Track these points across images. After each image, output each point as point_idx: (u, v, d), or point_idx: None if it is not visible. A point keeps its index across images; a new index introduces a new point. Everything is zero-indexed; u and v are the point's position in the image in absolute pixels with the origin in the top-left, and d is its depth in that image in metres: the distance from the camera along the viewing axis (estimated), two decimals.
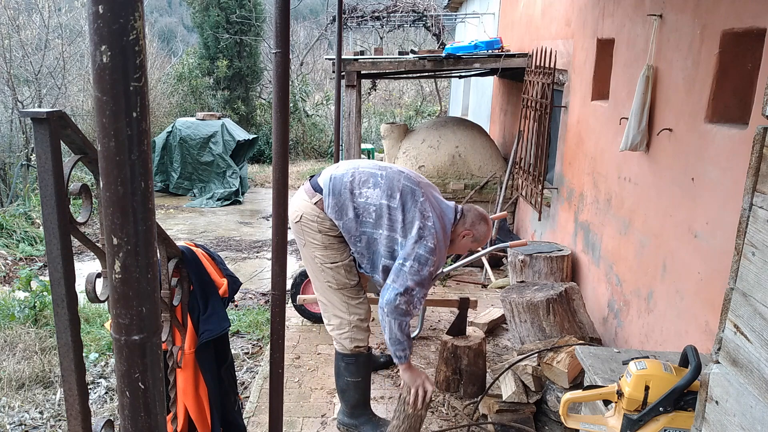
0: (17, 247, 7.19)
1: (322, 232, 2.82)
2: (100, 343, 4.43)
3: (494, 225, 5.60)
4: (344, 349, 2.94)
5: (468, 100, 11.66)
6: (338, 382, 3.05)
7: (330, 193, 2.79)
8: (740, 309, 1.32)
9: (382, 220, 2.74)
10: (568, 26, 4.72)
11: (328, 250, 2.85)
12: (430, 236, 2.68)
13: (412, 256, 2.65)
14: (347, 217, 2.76)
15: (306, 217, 2.83)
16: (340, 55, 5.62)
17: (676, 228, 2.89)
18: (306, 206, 2.84)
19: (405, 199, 2.74)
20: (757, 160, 1.27)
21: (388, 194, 2.74)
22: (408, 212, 2.73)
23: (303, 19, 20.10)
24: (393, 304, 2.64)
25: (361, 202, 2.75)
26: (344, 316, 2.90)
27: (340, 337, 2.93)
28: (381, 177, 2.79)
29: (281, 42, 1.90)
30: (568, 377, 2.82)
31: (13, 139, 10.25)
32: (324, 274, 2.88)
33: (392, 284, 2.67)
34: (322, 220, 2.81)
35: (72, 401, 1.25)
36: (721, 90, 2.61)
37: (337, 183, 2.80)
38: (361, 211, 2.76)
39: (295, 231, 2.89)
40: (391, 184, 2.76)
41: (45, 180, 1.17)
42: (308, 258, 2.91)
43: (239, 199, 10.26)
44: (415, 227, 2.69)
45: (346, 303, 2.90)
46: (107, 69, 0.72)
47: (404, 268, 2.65)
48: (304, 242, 2.88)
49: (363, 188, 2.77)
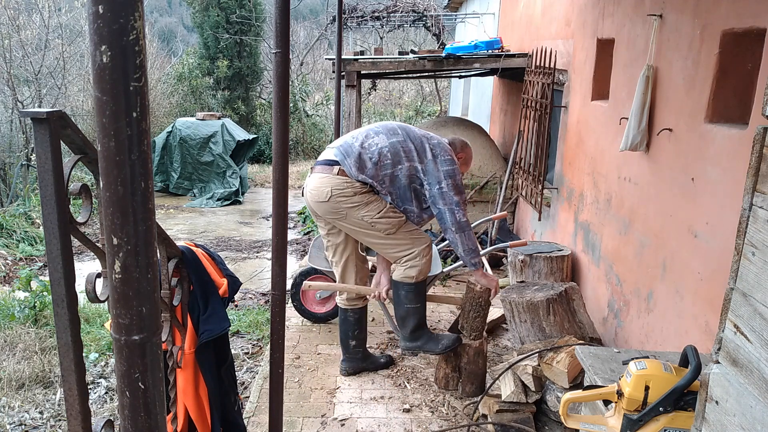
0: (17, 247, 7.19)
1: (357, 193, 3.07)
2: (100, 343, 4.43)
3: (494, 225, 5.60)
4: (409, 278, 3.21)
5: (468, 100, 11.66)
6: (398, 310, 3.33)
7: (345, 157, 3.08)
8: (740, 309, 1.32)
9: (399, 155, 3.08)
10: (568, 26, 4.71)
11: (370, 205, 3.09)
12: (442, 150, 3.12)
13: (442, 176, 3.06)
14: (367, 168, 3.07)
15: (336, 189, 3.06)
16: (340, 55, 5.62)
17: (676, 228, 2.89)
18: (330, 181, 3.07)
19: (406, 130, 3.16)
20: (757, 160, 1.27)
21: (390, 134, 3.13)
22: (414, 140, 3.13)
23: (303, 19, 20.11)
24: (457, 220, 3.04)
25: (373, 150, 3.08)
26: (413, 249, 3.18)
27: (408, 267, 3.20)
28: (377, 127, 3.21)
29: (281, 42, 1.90)
30: (568, 377, 2.82)
31: (13, 139, 10.24)
32: (379, 226, 3.12)
33: (444, 207, 3.05)
34: (352, 183, 3.06)
35: (72, 401, 1.25)
36: (721, 90, 2.60)
37: (347, 147, 3.12)
38: (377, 158, 3.07)
39: (327, 209, 3.12)
40: (387, 126, 3.19)
41: (45, 180, 1.17)
42: (355, 223, 3.12)
43: (239, 199, 10.26)
44: (427, 149, 3.10)
45: (410, 236, 3.19)
46: (107, 69, 0.72)
47: (443, 189, 3.05)
48: (345, 212, 3.09)
49: (368, 141, 3.12)
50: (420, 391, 3.44)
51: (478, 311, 3.28)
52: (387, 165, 3.07)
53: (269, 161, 13.71)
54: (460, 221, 3.06)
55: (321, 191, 3.08)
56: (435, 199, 3.08)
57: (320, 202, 3.10)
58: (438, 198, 3.06)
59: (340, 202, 3.06)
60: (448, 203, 3.04)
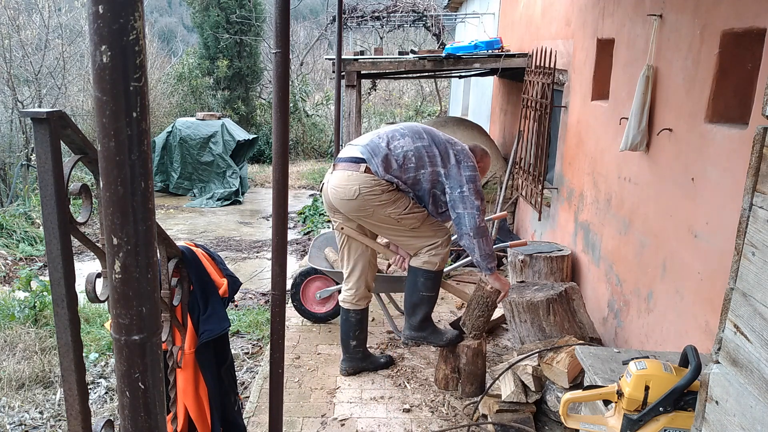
0: (17, 247, 7.18)
1: (385, 191, 3.12)
2: (100, 343, 4.43)
3: (494, 225, 5.60)
4: (431, 265, 3.26)
5: (468, 100, 11.66)
6: (412, 297, 3.36)
7: (372, 155, 3.12)
8: (740, 309, 1.32)
9: (422, 160, 3.12)
10: (568, 26, 4.71)
11: (397, 203, 3.15)
12: (465, 157, 3.16)
13: (464, 181, 3.09)
14: (392, 168, 3.11)
15: (365, 187, 3.10)
16: (340, 55, 5.62)
17: (676, 228, 2.89)
18: (358, 178, 3.11)
19: (431, 135, 3.20)
20: (757, 160, 1.27)
21: (416, 137, 3.17)
22: (439, 145, 3.17)
23: (303, 19, 20.10)
24: (477, 225, 3.08)
25: (398, 153, 3.12)
26: (436, 239, 3.26)
27: (432, 255, 3.26)
28: (402, 128, 3.23)
29: (281, 42, 1.90)
30: (568, 377, 2.82)
31: (13, 139, 10.24)
32: (405, 222, 3.19)
33: (464, 211, 3.09)
34: (379, 182, 3.11)
35: (72, 401, 1.25)
36: (721, 90, 2.60)
37: (374, 147, 3.15)
38: (401, 160, 3.12)
39: (354, 207, 3.16)
40: (413, 129, 3.22)
41: (45, 180, 1.17)
42: (381, 220, 3.18)
43: (239, 199, 10.26)
44: (451, 155, 3.14)
45: (432, 229, 3.27)
46: (107, 69, 0.72)
47: (465, 193, 3.09)
48: (372, 210, 3.15)
49: (394, 142, 3.15)
50: (420, 391, 3.44)
51: (483, 311, 3.31)
52: (411, 168, 3.11)
53: (269, 161, 13.71)
54: (480, 226, 3.09)
55: (348, 189, 3.11)
56: (455, 203, 3.11)
57: (346, 200, 3.13)
58: (458, 202, 3.10)
59: (369, 200, 3.11)
60: (468, 207, 3.08)
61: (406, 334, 3.44)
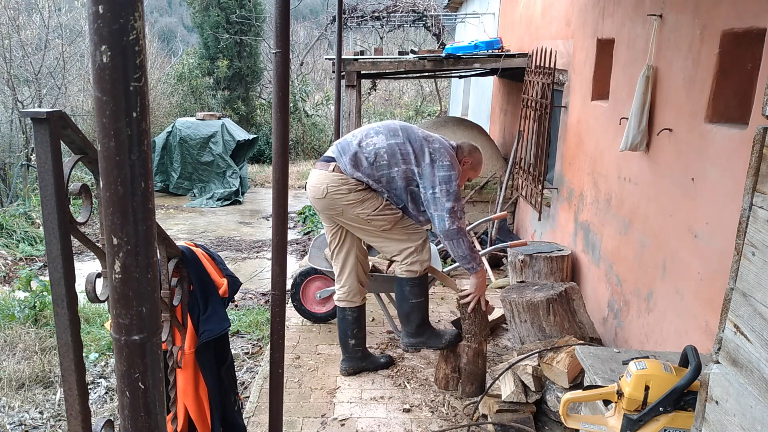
0: (17, 247, 7.18)
1: (352, 190, 3.09)
2: (100, 343, 4.43)
3: (494, 225, 5.60)
4: (412, 273, 3.22)
5: (468, 100, 11.66)
6: (402, 307, 3.33)
7: (341, 154, 3.11)
8: (740, 309, 1.32)
9: (395, 157, 3.06)
10: (568, 26, 4.71)
11: (366, 202, 3.11)
12: (441, 156, 3.05)
13: (436, 181, 3.02)
14: (363, 166, 3.07)
15: (332, 186, 3.09)
16: (340, 55, 5.62)
17: (676, 228, 2.89)
18: (326, 177, 3.10)
19: (407, 132, 3.12)
20: (757, 160, 1.27)
21: (390, 135, 3.11)
22: (414, 142, 3.09)
23: (303, 19, 20.10)
24: (446, 228, 3.02)
25: (369, 150, 3.08)
26: (409, 244, 3.20)
27: (410, 263, 3.21)
28: (378, 126, 3.19)
29: (281, 42, 1.90)
30: (568, 377, 2.82)
31: (13, 139, 10.24)
32: (375, 223, 3.14)
33: (435, 213, 3.04)
34: (347, 181, 3.08)
35: (72, 401, 1.25)
36: (721, 90, 2.60)
37: (344, 145, 3.15)
38: (373, 158, 3.06)
39: (325, 206, 3.15)
40: (389, 126, 3.16)
41: (45, 180, 1.17)
42: (352, 219, 3.16)
43: (239, 199, 10.26)
44: (426, 153, 3.06)
45: (405, 233, 3.20)
46: (107, 69, 0.72)
47: (436, 194, 3.02)
48: (341, 209, 3.12)
49: (367, 140, 3.11)
50: (420, 391, 3.44)
51: (471, 318, 3.27)
52: (383, 165, 3.07)
53: (269, 161, 13.71)
54: (449, 229, 3.03)
55: (318, 188, 3.13)
56: (428, 203, 3.08)
57: (317, 198, 3.16)
58: (430, 203, 3.06)
59: (337, 199, 3.10)
60: (438, 209, 3.03)
61: (405, 341, 3.41)
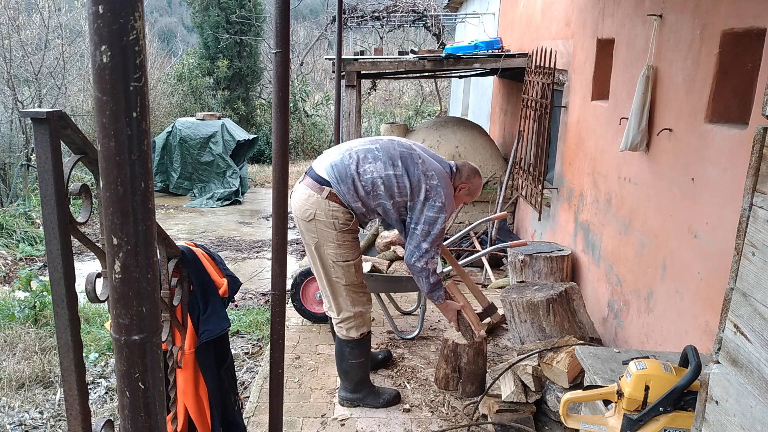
0: (17, 247, 7.19)
1: (339, 230, 2.93)
2: (100, 343, 4.43)
3: (494, 225, 5.60)
4: (349, 337, 3.12)
5: (468, 100, 11.66)
6: (341, 365, 3.21)
7: (338, 181, 2.91)
8: (740, 309, 1.32)
9: (392, 189, 2.93)
10: (568, 26, 4.71)
11: (342, 249, 2.97)
12: (437, 195, 2.93)
13: (422, 219, 2.93)
14: (360, 194, 2.92)
15: (320, 216, 2.91)
16: (340, 55, 5.62)
17: (676, 228, 2.89)
18: (316, 203, 2.91)
19: (406, 164, 2.94)
20: (757, 160, 1.27)
21: (389, 164, 2.93)
22: (413, 176, 2.94)
23: (303, 19, 20.09)
24: (411, 263, 2.98)
25: (367, 178, 2.91)
26: (350, 309, 3.07)
27: (346, 328, 3.10)
28: (377, 149, 2.97)
29: (281, 42, 1.90)
30: (568, 377, 2.82)
31: (13, 139, 10.24)
32: (334, 270, 3.00)
33: (409, 245, 2.98)
34: (339, 217, 2.92)
35: (72, 401, 1.25)
36: (721, 90, 2.60)
37: (341, 169, 2.92)
38: (370, 187, 2.92)
39: (305, 228, 2.97)
40: (388, 153, 2.95)
41: (45, 180, 1.17)
42: (319, 254, 2.99)
43: (239, 199, 10.26)
44: (422, 189, 2.93)
45: (351, 298, 3.06)
46: (107, 69, 0.72)
47: (416, 231, 2.94)
48: (317, 240, 2.96)
49: (365, 165, 2.93)
50: (420, 391, 3.44)
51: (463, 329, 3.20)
52: (379, 195, 2.93)
53: (269, 161, 13.71)
54: (414, 265, 2.98)
55: (305, 210, 2.93)
56: (408, 234, 3.01)
57: (301, 219, 2.97)
58: (409, 235, 2.99)
59: (320, 230, 2.93)
60: (412, 244, 2.97)
61: (342, 395, 3.28)
